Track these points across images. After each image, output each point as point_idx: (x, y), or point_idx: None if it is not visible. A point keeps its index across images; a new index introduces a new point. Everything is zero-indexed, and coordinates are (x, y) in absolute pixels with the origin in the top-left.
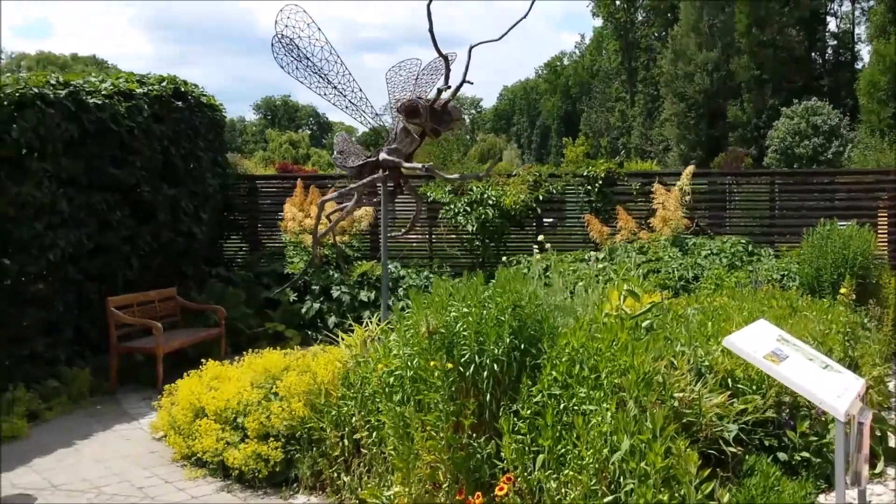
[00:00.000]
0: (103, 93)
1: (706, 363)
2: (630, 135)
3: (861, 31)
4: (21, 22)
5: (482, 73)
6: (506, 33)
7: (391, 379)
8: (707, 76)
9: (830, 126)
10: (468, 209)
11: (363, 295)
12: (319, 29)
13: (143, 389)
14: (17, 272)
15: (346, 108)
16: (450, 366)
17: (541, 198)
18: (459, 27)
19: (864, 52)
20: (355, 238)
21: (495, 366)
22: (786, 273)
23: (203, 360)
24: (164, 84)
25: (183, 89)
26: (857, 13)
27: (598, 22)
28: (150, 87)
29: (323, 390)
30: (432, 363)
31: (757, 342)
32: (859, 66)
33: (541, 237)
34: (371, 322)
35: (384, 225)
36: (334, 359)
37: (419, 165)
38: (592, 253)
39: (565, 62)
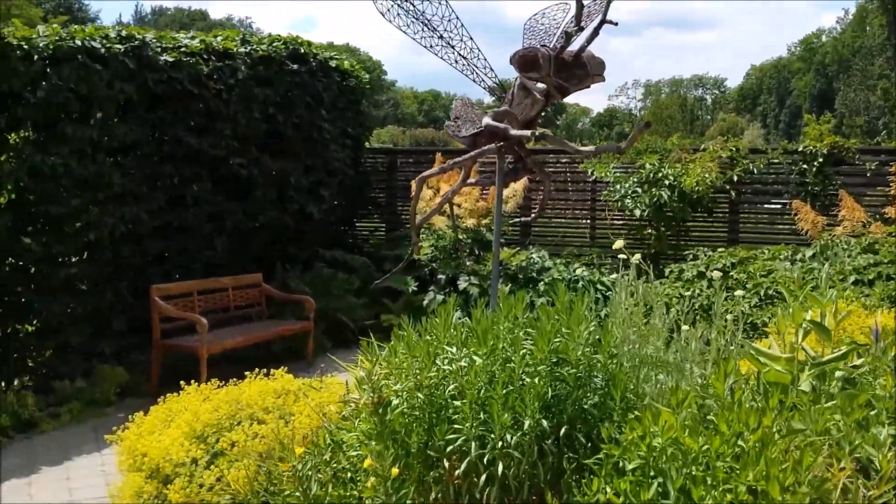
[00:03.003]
0: (183, 50)
1: None
2: (893, 114)
3: None
4: (289, 22)
5: (725, 54)
6: None
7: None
8: None
9: None
10: (638, 190)
11: None
12: None
13: None
14: (42, 255)
15: (456, 62)
16: (395, 472)
17: (735, 178)
18: None
19: None
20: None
21: (502, 465)
22: None
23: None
24: (276, 44)
25: (303, 51)
26: None
27: None
28: (253, 47)
29: (278, 450)
30: (366, 462)
31: None
32: None
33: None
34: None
35: (497, 208)
36: (329, 399)
37: (527, 133)
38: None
39: (823, 39)
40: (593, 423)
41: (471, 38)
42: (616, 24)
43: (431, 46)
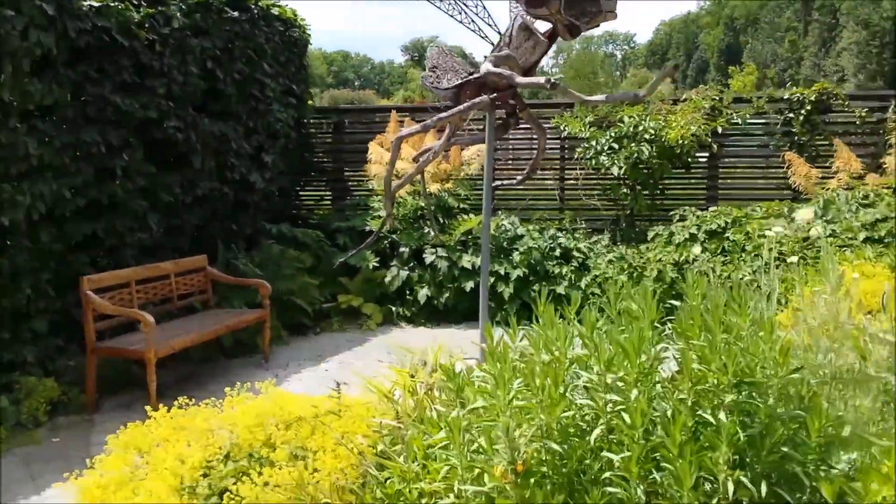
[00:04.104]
0: None
1: None
2: (800, 66)
3: None
4: None
5: (636, 5)
6: None
7: None
8: None
9: None
10: (615, 146)
11: (465, 261)
12: None
13: (139, 404)
14: None
15: (442, 0)
16: None
17: (720, 130)
18: None
19: None
20: (462, 185)
21: None
22: None
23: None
24: None
25: None
26: None
27: None
28: None
29: None
30: None
31: None
32: None
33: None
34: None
35: (488, 171)
36: (355, 428)
37: (541, 79)
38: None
39: None
40: (786, 470)
41: None
42: None
43: None
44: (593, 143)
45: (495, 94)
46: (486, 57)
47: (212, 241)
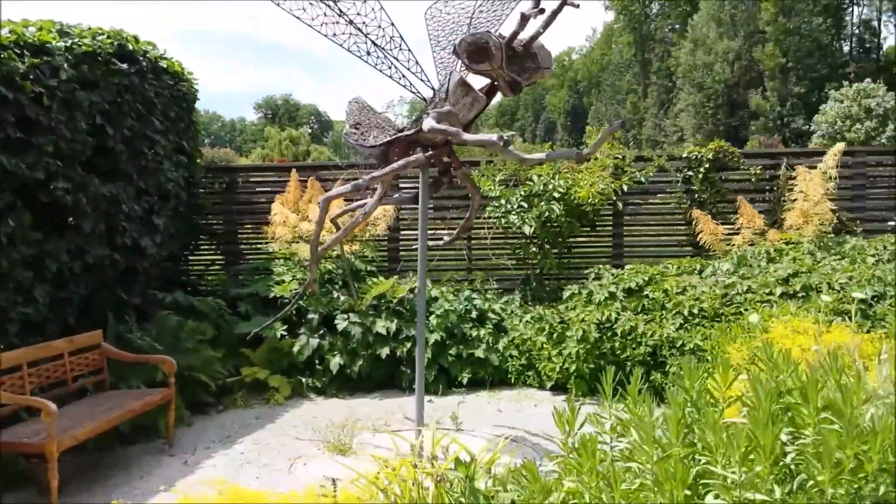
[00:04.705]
0: None
1: None
2: (642, 126)
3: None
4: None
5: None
6: None
7: None
8: (728, 65)
9: (885, 109)
10: (525, 205)
11: (380, 326)
12: None
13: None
14: None
15: (368, 54)
16: None
17: (625, 188)
18: None
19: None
20: (368, 246)
21: None
22: None
23: None
24: (100, 38)
25: (132, 48)
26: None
27: (610, 16)
28: (75, 41)
29: None
30: None
31: None
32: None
33: None
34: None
35: (422, 230)
36: None
37: (493, 136)
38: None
39: (573, 57)
40: None
41: (392, 25)
42: (577, 5)
43: (335, 35)
44: (503, 201)
45: (430, 152)
46: (426, 113)
47: (100, 313)
